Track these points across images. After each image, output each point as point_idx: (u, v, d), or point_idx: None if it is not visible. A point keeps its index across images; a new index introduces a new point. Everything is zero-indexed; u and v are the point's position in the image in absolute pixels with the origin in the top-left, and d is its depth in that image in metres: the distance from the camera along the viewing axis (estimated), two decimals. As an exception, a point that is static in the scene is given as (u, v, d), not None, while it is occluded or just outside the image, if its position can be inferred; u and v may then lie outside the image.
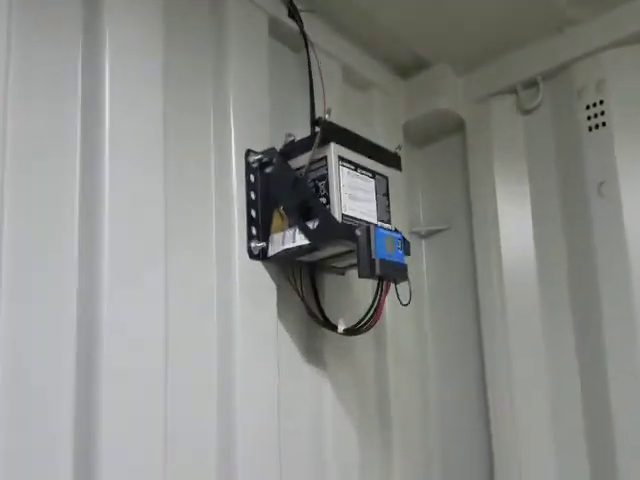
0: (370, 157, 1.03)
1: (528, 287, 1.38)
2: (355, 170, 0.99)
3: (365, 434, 1.20)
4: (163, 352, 0.84)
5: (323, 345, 1.11)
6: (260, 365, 0.97)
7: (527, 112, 1.44)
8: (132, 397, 0.79)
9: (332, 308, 1.09)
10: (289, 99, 1.18)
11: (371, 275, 0.91)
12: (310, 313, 1.07)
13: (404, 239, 1.01)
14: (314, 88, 1.20)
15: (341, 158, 0.97)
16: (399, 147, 1.11)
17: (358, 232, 0.93)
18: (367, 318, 0.97)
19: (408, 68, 1.51)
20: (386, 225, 1.03)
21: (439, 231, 1.54)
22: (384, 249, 0.93)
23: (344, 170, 0.97)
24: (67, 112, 0.82)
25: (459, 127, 1.53)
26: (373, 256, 0.91)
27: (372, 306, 0.95)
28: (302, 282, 1.08)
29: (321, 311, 1.07)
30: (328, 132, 0.96)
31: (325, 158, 0.96)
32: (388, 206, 1.05)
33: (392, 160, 1.09)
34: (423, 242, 1.57)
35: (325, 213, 0.93)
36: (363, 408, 1.21)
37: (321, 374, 1.10)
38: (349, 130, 1.01)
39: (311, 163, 0.97)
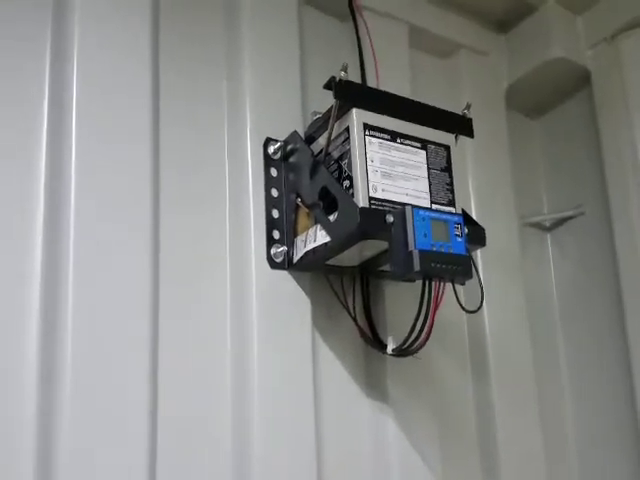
0: (418, 122, 0.78)
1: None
2: (392, 140, 0.75)
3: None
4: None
5: (385, 370, 0.86)
6: (289, 405, 0.76)
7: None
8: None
9: (392, 324, 0.84)
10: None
11: (407, 273, 0.66)
12: (360, 331, 0.83)
13: (470, 221, 0.74)
14: (365, 58, 0.98)
15: (368, 126, 0.74)
16: (468, 106, 0.84)
17: (390, 218, 0.68)
18: (415, 334, 0.71)
19: (507, 19, 1.21)
20: (445, 208, 0.76)
21: (569, 219, 1.19)
22: (429, 237, 0.67)
23: (373, 141, 0.73)
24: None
25: (582, 82, 1.18)
26: (410, 247, 0.66)
27: (418, 316, 0.69)
28: (355, 294, 0.85)
29: (372, 328, 0.83)
30: (345, 94, 0.73)
31: (347, 129, 0.74)
32: (450, 184, 0.78)
33: (456, 124, 0.82)
34: (548, 236, 1.23)
35: (344, 199, 0.70)
36: (452, 454, 0.92)
37: (382, 409, 0.85)
38: (378, 90, 0.77)
39: (332, 140, 0.76)
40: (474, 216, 1.04)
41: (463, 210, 0.79)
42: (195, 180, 0.80)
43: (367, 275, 0.86)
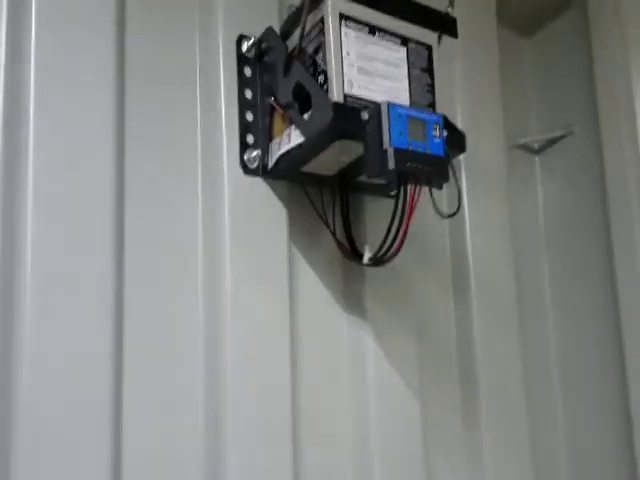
0: (399, 16, 0.73)
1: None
2: (371, 34, 0.71)
3: (437, 408, 0.90)
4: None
5: (363, 285, 0.83)
6: (264, 318, 0.74)
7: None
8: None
9: (372, 238, 0.82)
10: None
11: (381, 172, 0.62)
12: (339, 244, 0.80)
13: (447, 124, 0.70)
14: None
15: (344, 16, 0.69)
16: (451, 3, 0.79)
17: (364, 115, 0.65)
18: (389, 241, 0.68)
19: None
20: (424, 110, 0.72)
21: (558, 139, 1.16)
22: (405, 135, 0.64)
23: (350, 33, 0.69)
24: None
25: (576, -1, 1.13)
26: (385, 145, 0.63)
27: (392, 221, 0.66)
28: (335, 209, 0.82)
29: (351, 241, 0.80)
30: (320, -19, 0.68)
31: (322, 20, 0.69)
32: (431, 85, 0.74)
33: (439, 22, 0.77)
34: (537, 159, 1.20)
35: (318, 94, 0.66)
36: (431, 369, 0.91)
37: (360, 325, 0.83)
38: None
39: (307, 33, 0.71)
40: (459, 132, 1.00)
41: (444, 115, 0.75)
42: (163, 81, 0.75)
43: (347, 188, 0.83)
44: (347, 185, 0.82)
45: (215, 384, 0.70)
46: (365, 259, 0.73)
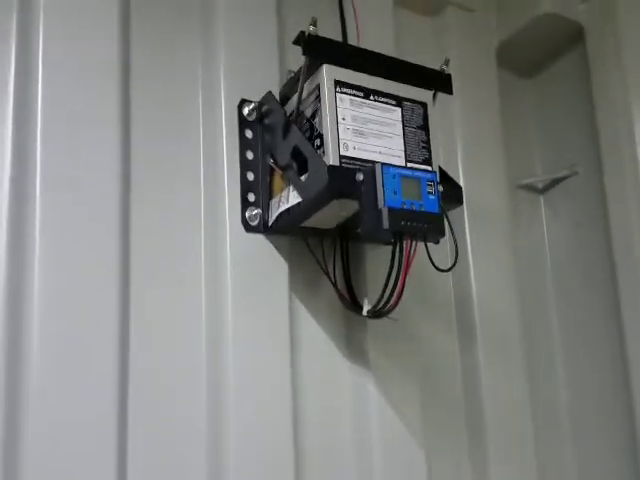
0: (393, 78, 0.76)
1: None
2: (365, 97, 0.73)
3: (443, 458, 0.91)
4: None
5: (365, 334, 0.85)
6: (266, 372, 0.75)
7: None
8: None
9: (372, 288, 0.83)
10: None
11: (376, 231, 0.64)
12: (339, 295, 0.82)
13: (447, 180, 0.72)
14: (346, 16, 0.96)
15: (339, 83, 0.72)
16: (446, 62, 0.81)
17: (359, 176, 0.67)
18: (387, 295, 0.69)
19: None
20: (420, 167, 0.74)
21: (562, 180, 1.17)
22: (399, 195, 0.66)
23: (344, 98, 0.72)
24: None
25: (575, 38, 1.14)
26: (379, 205, 0.65)
27: (389, 276, 0.68)
28: (335, 258, 0.84)
29: (351, 292, 0.82)
30: (315, 50, 0.71)
31: (318, 87, 0.72)
32: (426, 142, 0.76)
33: (434, 80, 0.80)
34: (541, 199, 1.20)
35: (314, 157, 0.69)
36: (437, 417, 0.92)
37: (363, 374, 0.84)
38: (351, 45, 0.75)
39: (304, 98, 0.74)
40: (461, 177, 1.02)
41: (440, 168, 0.77)
42: (168, 143, 0.79)
43: (347, 239, 0.85)
44: (347, 235, 0.84)
45: (218, 433, 0.72)
46: (364, 311, 0.75)
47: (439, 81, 0.80)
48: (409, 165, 0.73)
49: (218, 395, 0.73)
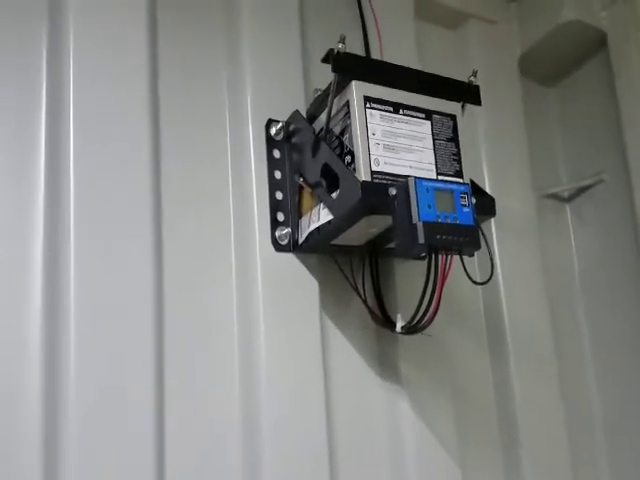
0: (421, 92, 0.75)
1: None
2: (395, 112, 0.73)
3: (479, 474, 0.88)
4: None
5: (397, 351, 0.84)
6: (299, 392, 0.75)
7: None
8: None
9: (403, 303, 0.82)
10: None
11: (412, 246, 0.64)
12: (370, 312, 0.81)
13: (479, 192, 0.71)
14: (369, 31, 0.96)
15: (369, 99, 0.71)
16: (474, 73, 0.80)
17: (392, 191, 0.66)
18: (422, 310, 0.68)
19: (514, -15, 1.17)
20: (452, 179, 0.74)
21: (588, 188, 1.15)
22: (434, 208, 0.65)
23: (374, 114, 0.71)
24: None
25: (598, 45, 1.13)
26: (414, 220, 0.64)
27: (424, 291, 0.67)
28: (364, 275, 0.83)
29: (382, 308, 0.81)
30: (344, 67, 0.71)
31: (347, 104, 0.72)
32: (457, 154, 0.76)
33: (462, 92, 0.79)
34: (567, 208, 1.19)
35: (345, 174, 0.68)
36: (471, 433, 0.90)
37: (395, 390, 0.83)
38: (379, 60, 0.75)
39: (333, 116, 0.74)
40: (487, 188, 1.01)
41: (472, 180, 0.76)
42: (198, 166, 0.79)
43: (376, 254, 0.84)
44: (376, 251, 0.83)
45: (255, 463, 0.71)
46: (398, 327, 0.74)
47: (467, 93, 0.79)
48: (440, 178, 0.73)
49: (254, 418, 0.72)
